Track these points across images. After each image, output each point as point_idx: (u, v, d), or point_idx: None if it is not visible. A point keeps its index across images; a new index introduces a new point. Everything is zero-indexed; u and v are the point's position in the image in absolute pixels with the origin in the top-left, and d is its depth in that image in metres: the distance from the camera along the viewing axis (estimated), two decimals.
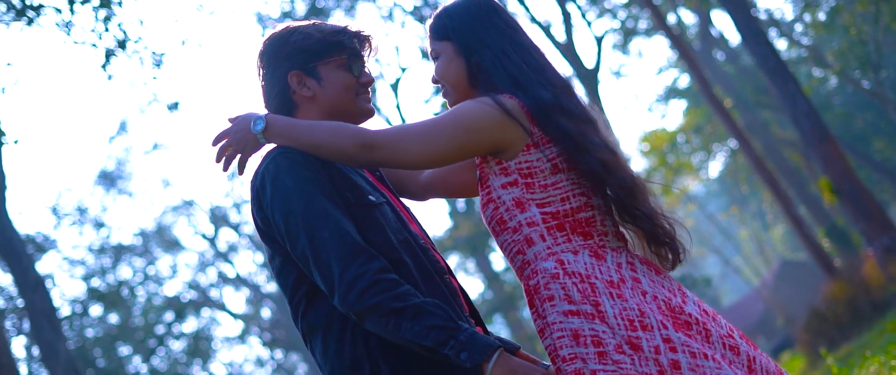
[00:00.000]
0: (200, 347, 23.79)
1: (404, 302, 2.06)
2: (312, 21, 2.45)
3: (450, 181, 2.54)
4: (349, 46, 2.40)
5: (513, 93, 2.22)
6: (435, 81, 2.38)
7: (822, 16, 22.68)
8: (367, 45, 2.45)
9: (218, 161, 2.40)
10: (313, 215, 2.13)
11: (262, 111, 2.37)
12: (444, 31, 2.35)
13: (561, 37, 19.23)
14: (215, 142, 2.36)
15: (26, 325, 14.36)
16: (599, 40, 19.72)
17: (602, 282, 2.12)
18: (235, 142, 2.32)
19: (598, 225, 2.22)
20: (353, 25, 2.45)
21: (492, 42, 2.30)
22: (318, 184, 2.17)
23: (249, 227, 27.42)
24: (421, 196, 2.59)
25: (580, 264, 2.14)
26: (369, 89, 2.45)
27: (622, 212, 2.23)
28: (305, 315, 2.22)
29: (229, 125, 2.35)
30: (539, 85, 2.25)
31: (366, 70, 2.44)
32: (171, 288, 25.02)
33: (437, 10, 2.42)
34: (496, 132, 2.17)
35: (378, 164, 2.20)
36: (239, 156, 2.32)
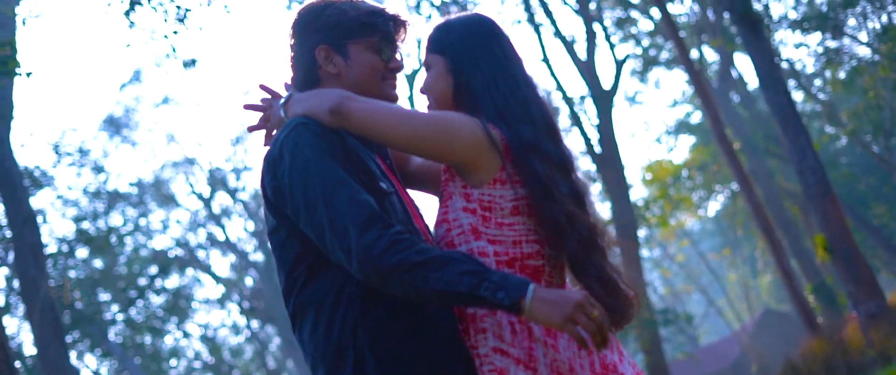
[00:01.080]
0: (179, 305, 23.79)
1: (427, 255, 2.03)
2: None
3: (437, 180, 2.48)
4: (383, 29, 2.38)
5: (495, 124, 2.19)
6: (422, 92, 2.36)
7: (842, 74, 22.69)
8: (401, 30, 2.42)
9: (252, 130, 2.44)
10: (332, 183, 2.10)
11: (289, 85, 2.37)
12: (441, 44, 2.32)
13: (583, 54, 19.25)
14: (247, 108, 2.38)
15: (11, 257, 14.36)
16: (620, 64, 19.73)
17: (538, 329, 2.11)
18: (270, 116, 2.35)
19: (546, 276, 2.18)
20: (391, 8, 2.42)
21: (485, 67, 2.27)
22: (336, 156, 2.15)
23: (245, 194, 27.46)
24: (405, 183, 2.54)
25: None
26: (396, 76, 2.42)
27: (575, 269, 2.18)
28: (300, 293, 2.21)
29: (266, 96, 2.36)
30: (522, 121, 2.22)
31: (396, 56, 2.42)
32: (159, 243, 25.05)
33: (440, 22, 2.39)
34: (471, 149, 2.14)
35: (347, 129, 2.18)
36: (265, 129, 2.35)
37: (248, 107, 2.47)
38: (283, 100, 2.30)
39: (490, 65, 2.28)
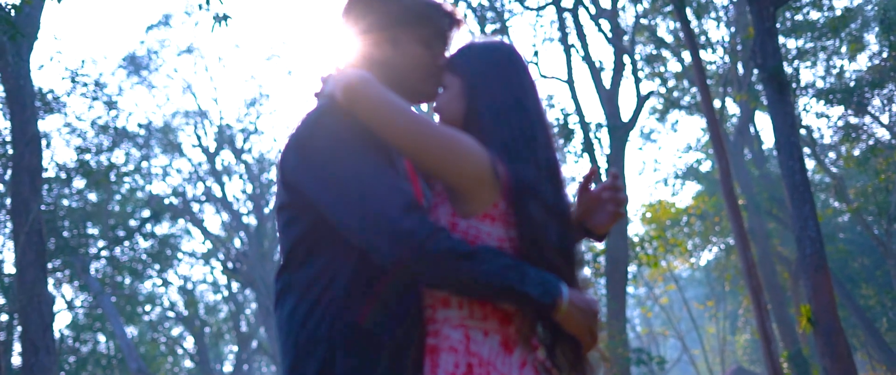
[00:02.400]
0: (164, 252, 23.79)
1: (471, 247, 1.99)
2: None
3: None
4: (437, 23, 2.33)
5: (499, 158, 2.14)
6: (434, 111, 2.31)
7: (857, 151, 22.71)
8: (455, 28, 2.37)
9: None
10: (367, 166, 2.05)
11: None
12: (460, 66, 2.28)
13: (607, 83, 19.26)
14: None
15: (8, 175, 14.37)
16: (642, 99, 19.74)
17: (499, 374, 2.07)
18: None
19: (518, 323, 2.12)
20: (449, 5, 2.37)
21: (498, 97, 2.22)
22: (370, 140, 2.10)
23: (250, 156, 27.48)
24: None
25: (485, 347, 2.09)
26: (441, 74, 2.35)
27: (546, 326, 2.13)
28: (292, 273, 2.18)
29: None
30: (526, 161, 2.17)
31: (445, 53, 2.36)
32: (156, 188, 25.05)
33: (463, 44, 2.35)
34: (474, 177, 2.09)
35: (356, 113, 2.10)
36: None
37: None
38: (326, 78, 2.28)
39: (504, 96, 2.23)
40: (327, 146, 2.08)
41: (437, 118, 2.30)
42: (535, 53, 20.27)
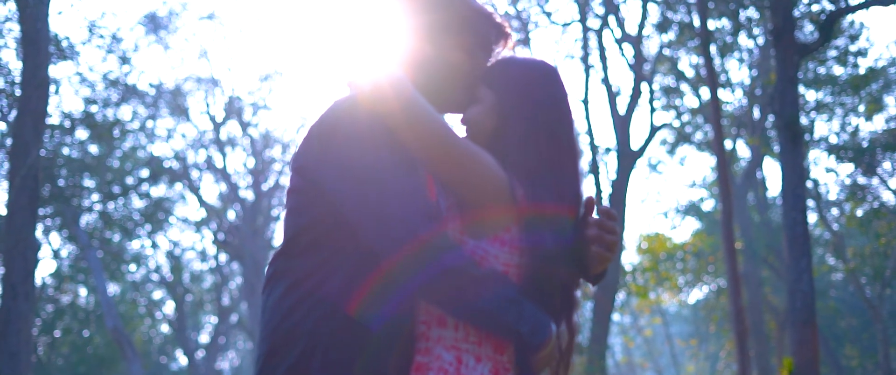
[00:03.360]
0: (157, 215, 23.73)
1: (483, 271, 1.95)
2: None
3: None
4: (483, 34, 2.25)
5: (520, 182, 2.07)
6: (461, 122, 2.24)
7: (860, 211, 22.64)
8: (501, 42, 2.29)
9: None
10: (394, 167, 1.99)
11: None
12: (496, 81, 2.20)
13: (622, 109, 19.18)
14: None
15: (12, 115, 14.29)
16: (655, 129, 19.66)
17: None
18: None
19: (512, 353, 2.08)
20: (500, 17, 2.28)
21: (531, 118, 2.15)
22: (401, 142, 2.03)
23: (256, 131, 27.41)
24: None
25: (477, 372, 2.03)
26: (477, 86, 2.25)
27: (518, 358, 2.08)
28: (288, 260, 2.12)
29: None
30: (548, 190, 2.10)
31: (485, 64, 2.27)
32: (158, 149, 25.00)
33: (503, 57, 2.28)
34: (490, 197, 2.03)
35: (381, 110, 2.03)
36: None
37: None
38: (359, 67, 2.17)
39: (536, 120, 2.16)
40: (353, 140, 2.01)
41: (463, 129, 2.23)
42: None
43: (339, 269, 2.06)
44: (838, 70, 21.42)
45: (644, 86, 19.88)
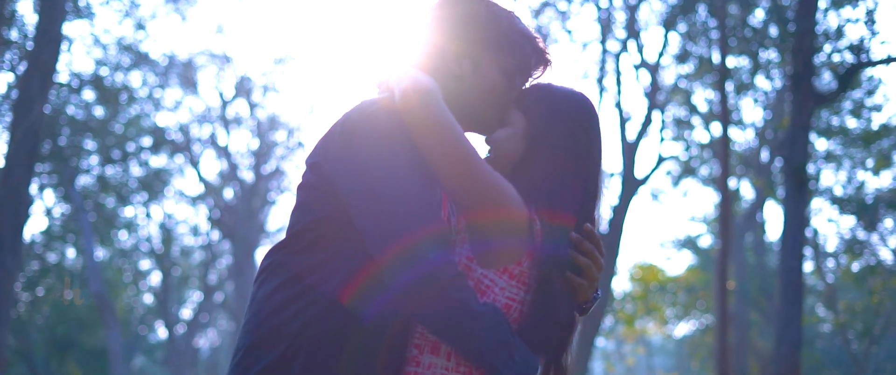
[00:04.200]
0: (154, 185, 23.66)
1: (483, 308, 1.90)
2: (512, 11, 2.20)
3: None
4: (524, 57, 2.17)
5: (539, 216, 2.00)
6: (487, 142, 2.17)
7: (856, 266, 22.56)
8: (541, 68, 2.22)
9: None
10: (413, 182, 1.93)
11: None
12: (530, 106, 2.13)
13: (631, 135, 19.08)
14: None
15: (21, 69, 14.21)
16: (661, 159, 19.57)
17: None
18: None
19: None
20: (542, 41, 2.22)
21: (560, 151, 2.08)
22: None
23: (263, 113, 27.32)
24: None
25: None
26: (508, 107, 2.19)
27: None
28: (290, 255, 2.06)
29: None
30: (566, 232, 2.04)
31: (521, 87, 2.21)
32: (163, 119, 24.89)
33: (541, 82, 2.21)
34: (506, 228, 1.97)
35: (407, 120, 1.97)
36: None
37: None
38: (391, 69, 2.11)
39: (566, 153, 2.09)
40: (374, 145, 1.95)
41: (487, 149, 2.16)
42: None
43: (340, 270, 2.01)
44: (851, 122, 21.35)
45: (656, 114, 19.79)
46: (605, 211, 18.55)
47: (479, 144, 2.11)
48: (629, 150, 18.83)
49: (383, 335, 2.00)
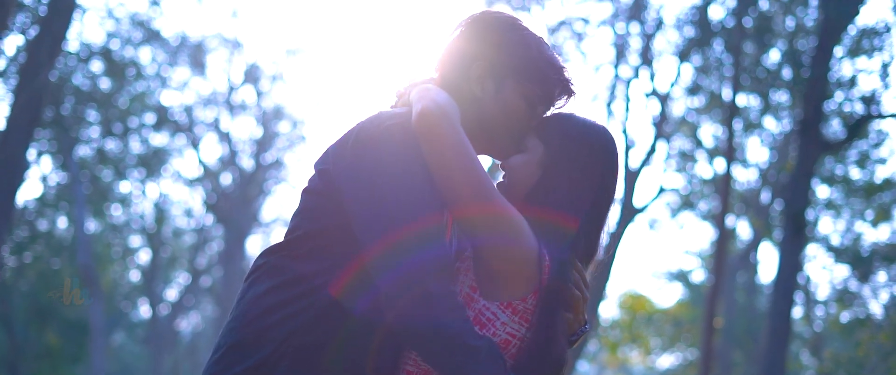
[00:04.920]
0: (152, 162, 23.59)
1: (479, 341, 1.86)
2: (541, 37, 2.16)
3: None
4: (549, 86, 2.13)
5: (548, 252, 1.95)
6: (501, 166, 2.11)
7: (846, 316, 22.52)
8: (564, 99, 2.17)
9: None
10: (422, 204, 1.89)
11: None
12: (550, 136, 2.08)
13: (634, 163, 19.02)
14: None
15: (32, 33, 14.17)
16: (662, 191, 19.52)
17: None
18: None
19: None
20: (571, 72, 2.17)
21: (576, 184, 2.04)
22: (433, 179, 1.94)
23: (269, 102, 27.24)
24: None
25: None
26: (526, 135, 2.15)
27: None
28: (286, 259, 2.01)
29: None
30: (573, 262, 2.01)
31: (542, 116, 2.17)
32: (168, 98, 24.82)
33: (563, 114, 2.16)
34: (515, 263, 1.91)
35: (421, 141, 1.93)
36: None
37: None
38: (412, 82, 2.09)
39: (581, 187, 2.04)
40: (387, 163, 1.91)
41: (502, 173, 2.11)
42: None
43: (326, 284, 1.98)
44: (855, 171, 21.32)
45: (662, 144, 19.75)
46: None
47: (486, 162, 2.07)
48: (631, 178, 18.77)
49: (371, 348, 1.97)
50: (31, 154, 18.37)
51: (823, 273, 27.54)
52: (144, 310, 33.03)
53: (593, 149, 2.08)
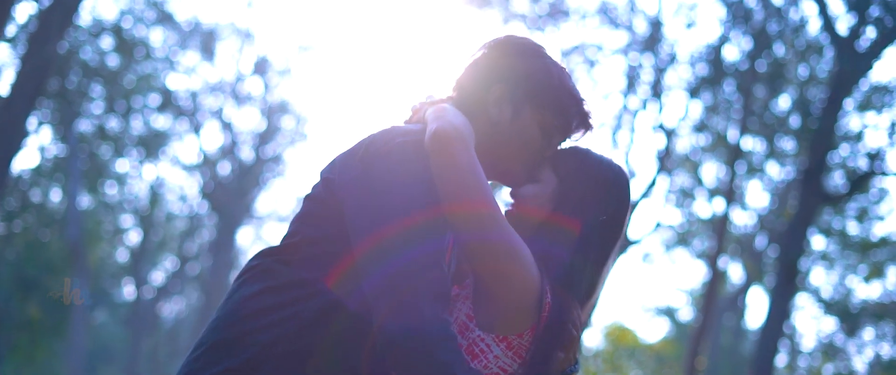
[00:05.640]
0: (152, 143, 23.54)
1: (468, 374, 1.81)
2: (564, 68, 2.13)
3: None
4: (567, 118, 2.09)
5: (551, 288, 1.90)
6: (512, 194, 2.06)
7: (831, 367, 22.48)
8: (580, 132, 2.13)
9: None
10: (425, 226, 1.84)
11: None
12: (565, 169, 2.04)
13: (634, 195, 18.99)
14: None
15: (45, 2, 14.12)
16: (658, 226, 19.47)
17: None
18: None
19: None
20: (591, 105, 2.13)
21: (585, 229, 1.98)
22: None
23: (275, 97, 27.20)
24: None
25: None
26: (538, 165, 2.11)
27: None
28: (281, 262, 1.97)
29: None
30: (577, 301, 1.96)
31: (556, 147, 2.13)
32: (174, 82, 24.76)
33: (579, 148, 2.12)
34: (515, 297, 1.86)
35: (430, 161, 1.89)
36: None
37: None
38: (431, 101, 2.04)
39: (591, 225, 1.99)
40: (395, 180, 1.87)
41: (512, 200, 2.07)
42: None
43: (317, 295, 1.93)
44: (852, 225, 21.30)
45: (663, 179, 19.71)
46: None
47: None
48: (629, 208, 18.72)
49: (358, 367, 1.92)
50: (32, 123, 18.30)
51: (811, 323, 27.55)
52: (129, 291, 32.92)
53: (609, 190, 2.04)
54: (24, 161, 25.33)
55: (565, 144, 2.14)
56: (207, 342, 1.96)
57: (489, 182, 2.01)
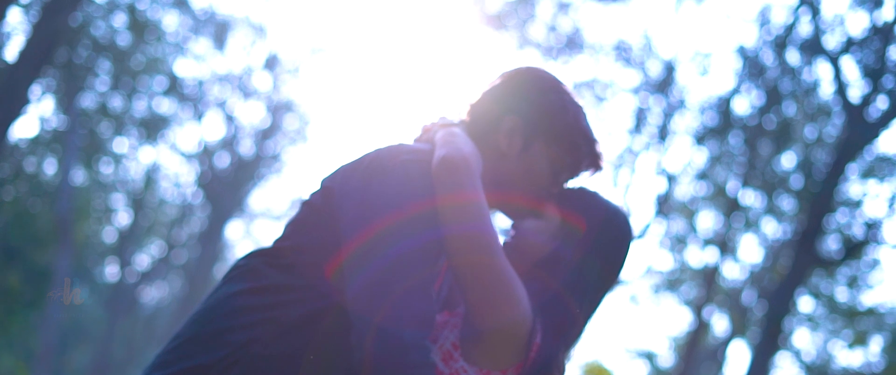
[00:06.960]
0: (153, 127, 23.49)
1: None
2: (581, 104, 2.10)
3: None
4: (578, 157, 2.06)
5: (544, 330, 1.86)
6: (514, 228, 2.03)
7: None
8: (588, 171, 2.10)
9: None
10: (421, 250, 1.81)
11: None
12: (574, 210, 2.00)
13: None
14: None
15: None
16: (649, 270, 19.44)
17: None
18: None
19: None
20: (603, 146, 2.11)
21: (584, 274, 1.95)
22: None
23: (281, 94, 27.16)
24: None
25: None
26: (544, 201, 2.08)
27: None
28: (270, 265, 1.94)
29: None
30: (565, 345, 1.93)
31: (563, 185, 2.10)
32: (183, 68, 24.73)
33: (587, 189, 2.09)
34: (503, 332, 1.82)
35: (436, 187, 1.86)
36: None
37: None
38: (444, 123, 2.01)
39: (590, 274, 1.96)
40: (394, 199, 1.85)
41: (515, 233, 2.04)
42: None
43: (307, 302, 1.90)
44: (842, 291, 21.26)
45: (658, 223, 19.65)
46: None
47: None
48: None
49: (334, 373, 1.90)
50: (35, 92, 18.25)
51: None
52: (112, 272, 32.75)
53: (614, 235, 2.00)
54: (23, 129, 25.27)
55: (573, 183, 2.11)
56: (184, 335, 1.95)
57: (491, 211, 1.97)
